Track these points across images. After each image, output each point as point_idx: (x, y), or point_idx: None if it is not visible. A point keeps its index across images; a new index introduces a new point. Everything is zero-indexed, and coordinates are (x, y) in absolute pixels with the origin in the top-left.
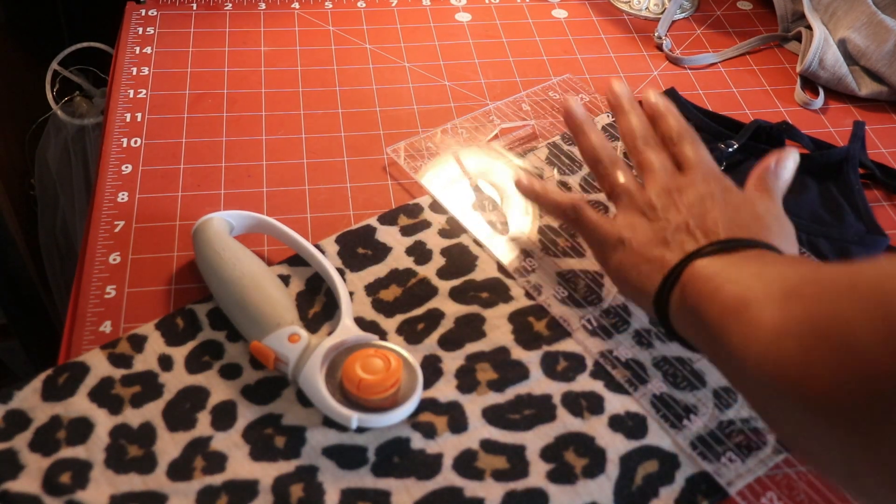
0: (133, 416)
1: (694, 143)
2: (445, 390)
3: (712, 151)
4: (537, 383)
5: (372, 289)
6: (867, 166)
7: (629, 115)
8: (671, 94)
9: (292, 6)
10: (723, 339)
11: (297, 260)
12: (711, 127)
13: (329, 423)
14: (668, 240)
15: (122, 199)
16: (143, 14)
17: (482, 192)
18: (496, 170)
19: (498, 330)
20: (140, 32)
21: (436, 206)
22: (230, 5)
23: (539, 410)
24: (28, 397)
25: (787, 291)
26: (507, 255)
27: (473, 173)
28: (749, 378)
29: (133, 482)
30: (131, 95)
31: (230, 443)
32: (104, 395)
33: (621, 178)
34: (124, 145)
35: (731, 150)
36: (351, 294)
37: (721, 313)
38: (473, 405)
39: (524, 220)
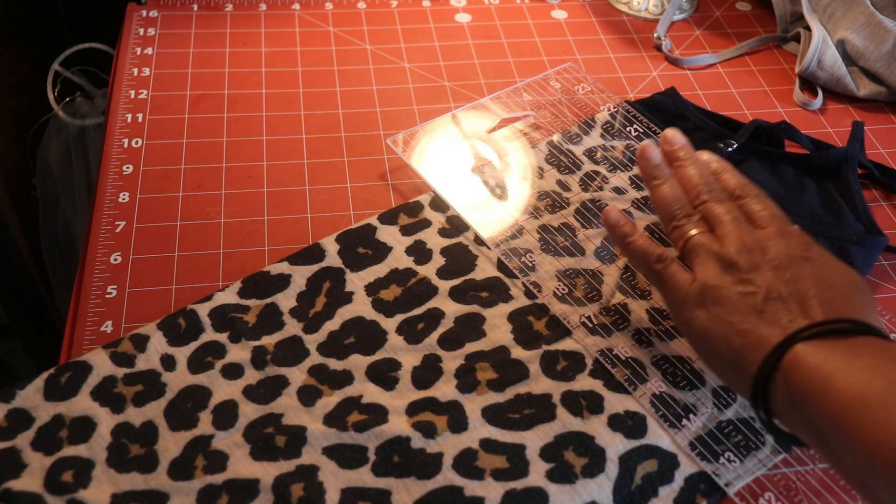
0: (135, 415)
1: (760, 196)
2: (445, 390)
3: (711, 151)
4: (537, 383)
5: (372, 288)
6: (866, 166)
7: (688, 165)
8: (671, 93)
9: (293, 7)
10: (842, 439)
11: (297, 259)
12: (711, 126)
13: (329, 422)
14: (761, 309)
15: (124, 199)
16: (145, 15)
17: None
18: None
19: (498, 329)
20: (141, 33)
21: (436, 204)
22: (231, 6)
23: (539, 410)
24: (31, 396)
25: None
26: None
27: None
28: (881, 475)
29: (135, 481)
30: (132, 96)
31: (231, 442)
32: (106, 393)
33: (695, 231)
34: (125, 146)
35: (730, 149)
36: (351, 294)
37: (839, 412)
38: (473, 405)
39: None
